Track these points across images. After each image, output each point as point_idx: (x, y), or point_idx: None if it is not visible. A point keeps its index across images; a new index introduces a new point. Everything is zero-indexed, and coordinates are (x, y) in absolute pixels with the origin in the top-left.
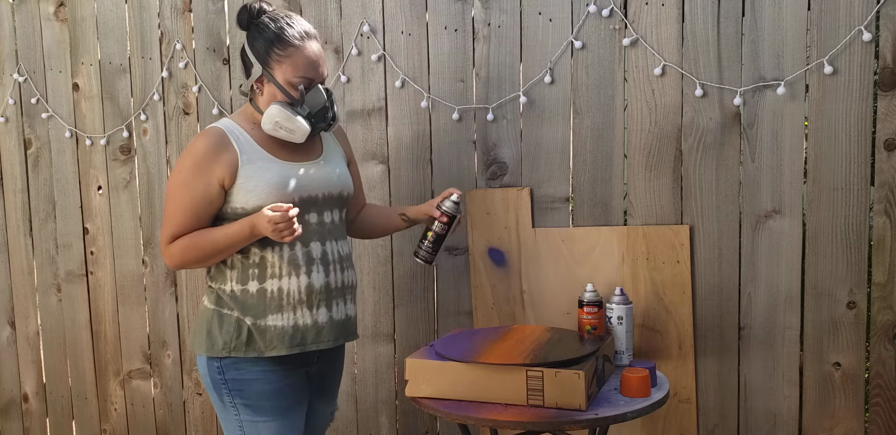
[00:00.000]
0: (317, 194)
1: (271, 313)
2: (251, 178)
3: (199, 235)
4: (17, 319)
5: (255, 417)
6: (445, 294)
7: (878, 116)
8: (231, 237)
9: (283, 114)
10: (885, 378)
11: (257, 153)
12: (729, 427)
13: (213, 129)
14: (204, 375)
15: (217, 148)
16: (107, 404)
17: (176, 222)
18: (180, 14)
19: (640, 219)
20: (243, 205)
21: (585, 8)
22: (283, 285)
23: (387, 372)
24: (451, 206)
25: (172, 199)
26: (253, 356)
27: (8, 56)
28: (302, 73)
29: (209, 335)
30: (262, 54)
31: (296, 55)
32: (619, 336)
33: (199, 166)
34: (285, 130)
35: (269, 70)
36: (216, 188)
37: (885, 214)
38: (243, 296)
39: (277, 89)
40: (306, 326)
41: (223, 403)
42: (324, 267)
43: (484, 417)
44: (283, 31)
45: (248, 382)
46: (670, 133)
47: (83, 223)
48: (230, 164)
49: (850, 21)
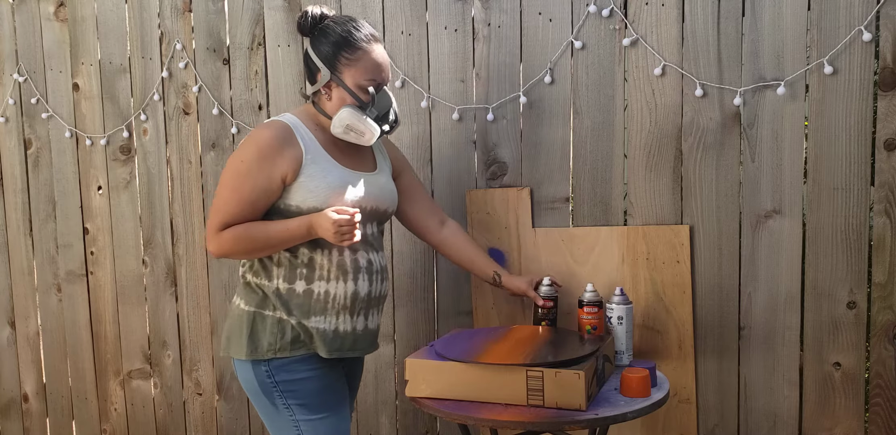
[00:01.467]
0: (366, 206)
1: (315, 315)
2: (314, 178)
3: (254, 227)
4: (17, 319)
5: (312, 416)
6: (445, 294)
7: (878, 116)
8: (287, 233)
9: (354, 117)
10: (885, 378)
11: (321, 154)
12: (729, 427)
13: (278, 123)
14: (248, 381)
15: (283, 141)
16: (107, 404)
17: (230, 211)
18: (180, 14)
19: (640, 219)
20: (299, 203)
21: (585, 8)
22: (331, 289)
23: (387, 372)
24: (548, 291)
25: (230, 187)
26: (301, 354)
27: (8, 56)
28: (371, 76)
29: (251, 339)
30: (331, 58)
31: (364, 58)
32: (619, 336)
33: (263, 157)
34: (356, 133)
35: (338, 74)
36: (277, 182)
37: (885, 214)
38: (289, 294)
39: (347, 93)
40: (346, 332)
41: (276, 406)
42: (368, 276)
43: (484, 417)
44: (351, 35)
45: (300, 382)
46: (670, 133)
47: (83, 223)
48: (295, 159)
49: (850, 21)
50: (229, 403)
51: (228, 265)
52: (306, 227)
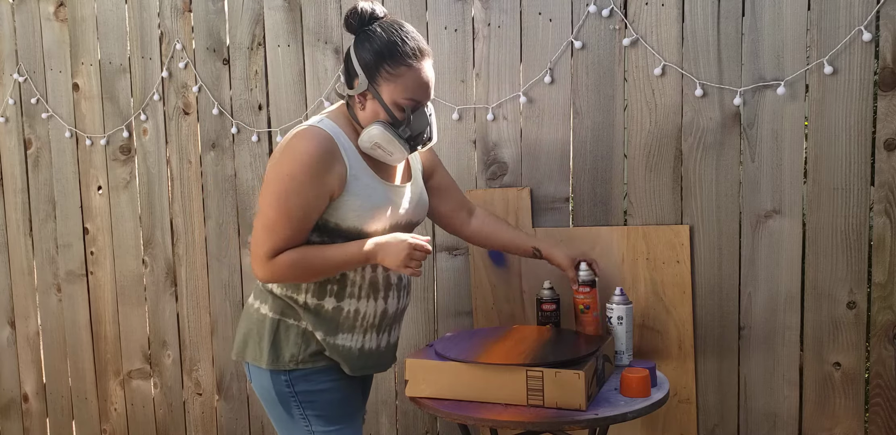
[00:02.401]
0: (402, 221)
1: (342, 332)
2: (358, 196)
3: (311, 253)
4: (17, 319)
5: (329, 427)
6: (445, 294)
7: (878, 116)
8: (346, 258)
9: (385, 136)
10: (885, 378)
11: (363, 169)
12: (729, 427)
13: (321, 134)
14: (265, 389)
15: (330, 156)
16: (107, 404)
17: (281, 235)
18: (180, 14)
19: (640, 219)
20: (339, 221)
21: (585, 8)
22: (361, 307)
23: (387, 372)
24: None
25: (277, 209)
26: (322, 365)
27: (8, 56)
28: (411, 96)
29: (273, 347)
30: (371, 68)
31: (407, 75)
32: (619, 336)
33: (313, 173)
34: (383, 151)
35: (376, 86)
36: (325, 200)
37: (885, 214)
38: (317, 310)
39: (381, 108)
40: (370, 350)
41: (292, 416)
42: (397, 292)
43: (484, 417)
44: (397, 47)
45: (319, 393)
46: (670, 133)
47: (83, 223)
48: (341, 175)
49: (850, 21)
50: (229, 403)
51: (228, 265)
52: (369, 252)
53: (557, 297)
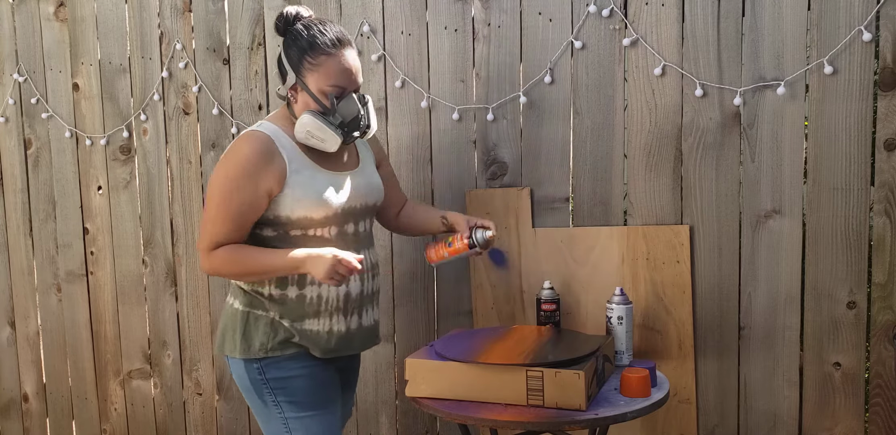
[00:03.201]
0: (356, 205)
1: (309, 318)
2: (299, 187)
3: (244, 253)
4: (17, 319)
5: (301, 413)
6: (445, 294)
7: (878, 116)
8: (277, 266)
9: (314, 123)
10: (885, 378)
11: (303, 162)
12: (729, 427)
13: (259, 135)
14: (241, 378)
15: (265, 155)
16: (107, 404)
17: (219, 230)
18: (180, 14)
19: (640, 219)
20: (288, 214)
21: (585, 8)
22: (323, 292)
23: (387, 372)
24: (549, 294)
25: (216, 206)
26: (292, 352)
27: (8, 56)
28: (334, 82)
29: (244, 337)
30: (296, 62)
31: (328, 63)
32: (619, 336)
33: (247, 174)
34: (317, 139)
35: (302, 78)
36: (263, 197)
37: (885, 214)
38: (282, 299)
39: (310, 98)
40: (340, 332)
41: (265, 403)
42: (360, 276)
43: (484, 417)
44: (315, 39)
45: (290, 379)
46: (670, 133)
47: (83, 223)
48: (279, 172)
49: (850, 21)
50: (229, 403)
51: None
52: (299, 262)
53: (557, 297)
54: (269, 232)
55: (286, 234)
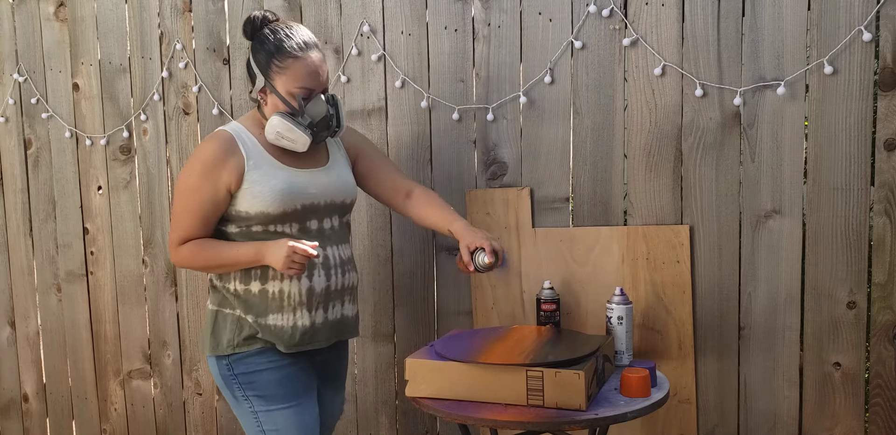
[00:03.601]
0: (319, 202)
1: (272, 313)
2: (257, 183)
3: (208, 247)
4: (17, 319)
5: (270, 406)
6: (445, 294)
7: (878, 116)
8: (238, 257)
9: (283, 125)
10: (885, 378)
11: (264, 158)
12: (729, 427)
13: (221, 133)
14: (215, 375)
15: (225, 153)
16: (107, 404)
17: (184, 225)
18: (180, 14)
19: (640, 219)
20: (247, 209)
21: (585, 8)
22: (285, 287)
23: (387, 372)
24: (550, 294)
25: (180, 203)
26: (258, 348)
27: (8, 56)
28: (301, 84)
29: (213, 335)
30: (264, 66)
31: (294, 66)
32: (619, 336)
33: (207, 171)
34: (287, 140)
35: (271, 81)
36: (223, 193)
37: (885, 214)
38: (246, 295)
39: (279, 100)
40: (304, 326)
41: (236, 398)
42: (325, 271)
43: (484, 417)
44: (282, 43)
45: (257, 374)
46: (670, 133)
47: (83, 223)
48: (237, 168)
49: (850, 21)
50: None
51: None
52: (255, 253)
53: (557, 297)
54: (233, 228)
55: (248, 229)
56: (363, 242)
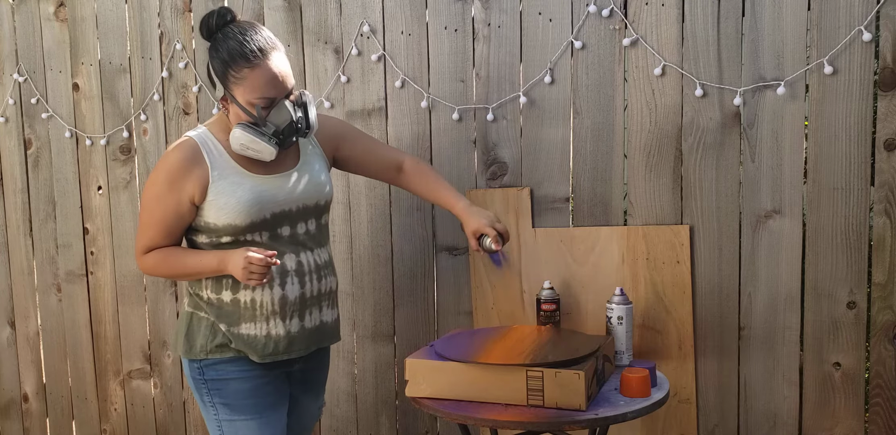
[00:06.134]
0: (291, 208)
1: (245, 322)
2: (222, 195)
3: (171, 256)
4: (17, 319)
5: (233, 416)
6: (445, 294)
7: (878, 116)
8: (201, 267)
9: (246, 137)
10: (885, 378)
11: (229, 168)
12: (729, 427)
13: (186, 142)
14: (187, 376)
15: (189, 163)
16: (107, 404)
17: (148, 235)
18: (180, 14)
19: (640, 219)
20: (215, 221)
21: (585, 8)
22: (257, 296)
23: (387, 372)
24: (549, 294)
25: (145, 212)
26: (230, 356)
27: (8, 56)
28: (260, 94)
29: (187, 338)
30: (221, 76)
31: (252, 76)
32: (619, 336)
33: (170, 181)
34: (252, 151)
35: (230, 91)
36: (186, 205)
37: (885, 214)
38: (218, 304)
39: (240, 109)
40: (279, 335)
41: (204, 402)
42: (298, 278)
43: (484, 417)
44: (235, 52)
45: (226, 382)
46: (670, 133)
47: (83, 223)
48: (201, 180)
49: (850, 21)
50: None
51: None
52: (217, 262)
53: (557, 297)
54: (203, 238)
55: (217, 240)
56: (363, 242)
